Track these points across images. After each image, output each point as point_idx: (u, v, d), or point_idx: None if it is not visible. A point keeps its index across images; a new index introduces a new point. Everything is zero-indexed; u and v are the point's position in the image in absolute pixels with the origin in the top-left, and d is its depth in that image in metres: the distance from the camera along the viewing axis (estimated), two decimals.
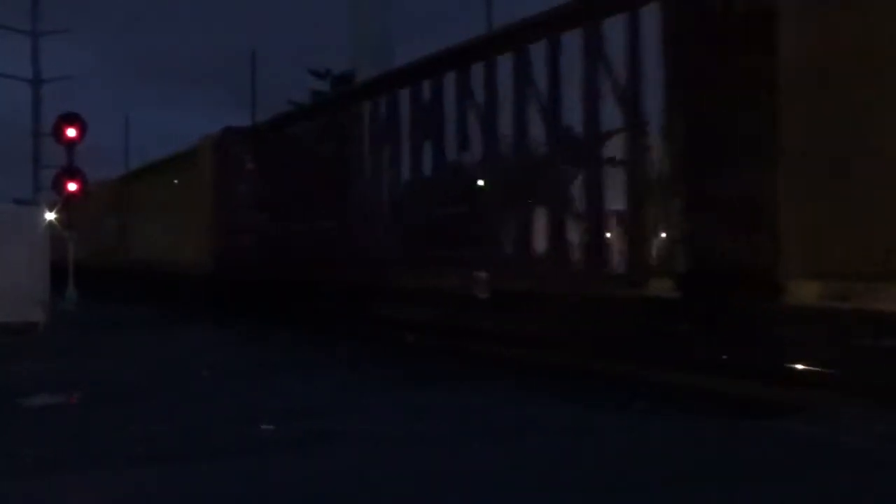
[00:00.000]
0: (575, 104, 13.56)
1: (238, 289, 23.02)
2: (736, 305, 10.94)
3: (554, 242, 14.09)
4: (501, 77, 15.08)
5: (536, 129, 14.37)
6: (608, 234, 13.46)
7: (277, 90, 41.56)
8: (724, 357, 11.32)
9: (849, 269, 9.84)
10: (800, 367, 10.43)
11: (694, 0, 11.61)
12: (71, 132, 25.93)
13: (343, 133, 20.29)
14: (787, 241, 10.22)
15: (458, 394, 10.91)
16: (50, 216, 22.77)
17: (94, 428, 9.13)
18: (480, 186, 15.91)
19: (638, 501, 6.33)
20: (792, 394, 10.02)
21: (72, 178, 25.97)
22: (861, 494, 6.45)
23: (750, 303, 10.77)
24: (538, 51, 14.26)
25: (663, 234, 12.60)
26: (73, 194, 25.86)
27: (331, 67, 34.82)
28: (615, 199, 13.17)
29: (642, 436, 8.44)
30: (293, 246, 21.12)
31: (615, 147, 13.16)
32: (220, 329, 19.74)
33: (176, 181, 28.05)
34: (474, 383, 11.56)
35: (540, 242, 14.49)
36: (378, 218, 18.68)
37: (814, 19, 10.09)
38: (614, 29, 12.96)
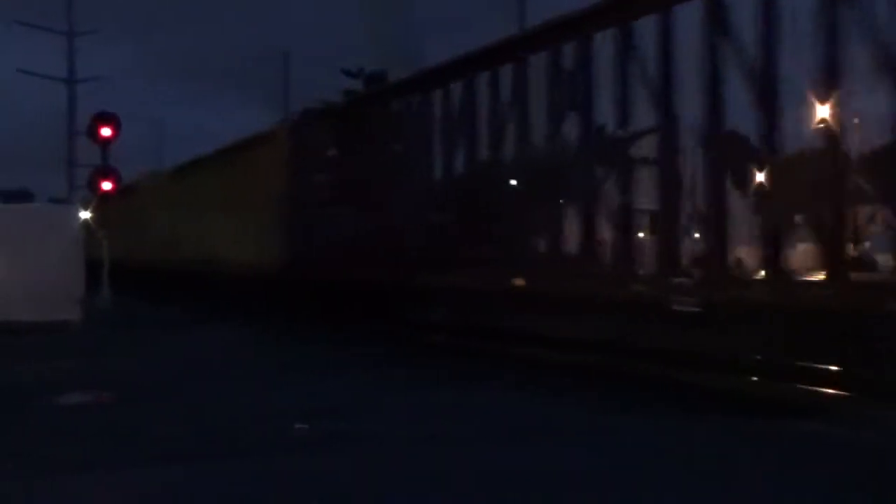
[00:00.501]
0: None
1: (317, 292, 19.67)
2: None
3: (768, 251, 11.61)
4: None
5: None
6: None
7: (310, 90, 41.65)
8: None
9: None
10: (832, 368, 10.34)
11: None
12: (105, 131, 26.09)
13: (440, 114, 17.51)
14: None
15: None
16: (85, 215, 22.92)
17: (122, 426, 9.25)
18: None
19: (653, 501, 6.30)
20: (815, 394, 9.95)
21: (106, 178, 26.14)
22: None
23: None
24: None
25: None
26: (107, 193, 26.03)
27: (363, 67, 34.89)
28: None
29: (664, 436, 8.40)
30: (380, 243, 18.10)
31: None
32: (253, 328, 19.76)
33: (240, 171, 24.60)
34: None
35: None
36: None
37: None
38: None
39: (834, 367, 10.27)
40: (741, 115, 11.93)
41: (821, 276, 10.96)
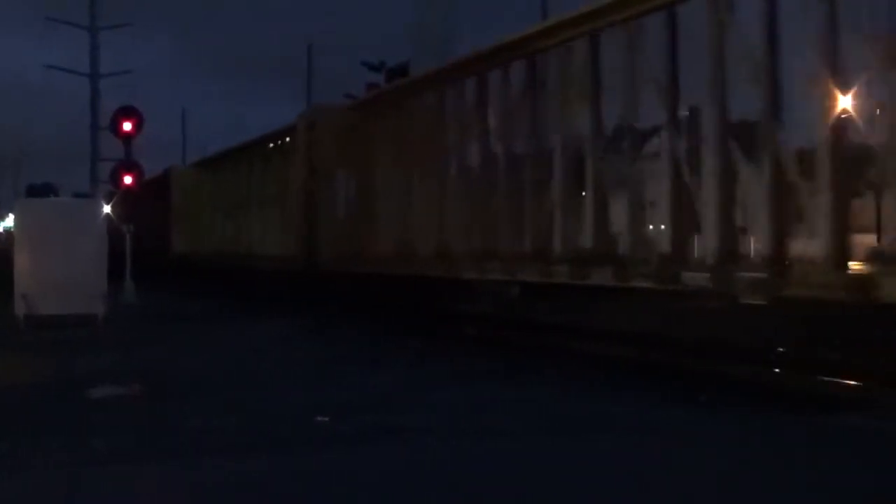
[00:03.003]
0: None
1: None
2: None
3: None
4: None
5: None
6: None
7: (337, 83, 41.71)
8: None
9: None
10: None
11: None
12: (127, 126, 26.15)
13: None
14: None
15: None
16: (107, 209, 22.96)
17: (157, 419, 9.20)
18: None
19: (693, 497, 6.28)
20: (859, 389, 9.91)
21: (128, 172, 26.20)
22: None
23: None
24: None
25: None
26: (129, 188, 26.09)
27: (385, 60, 34.87)
28: None
29: (707, 430, 8.38)
30: None
31: None
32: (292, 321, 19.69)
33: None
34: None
35: None
36: None
37: None
38: None
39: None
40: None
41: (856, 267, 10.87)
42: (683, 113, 12.68)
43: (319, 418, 9.02)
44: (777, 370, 10.94)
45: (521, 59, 15.07)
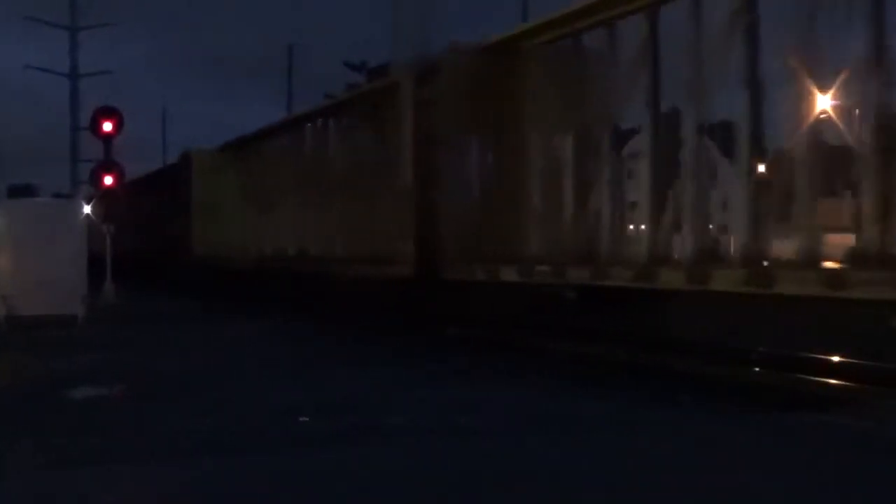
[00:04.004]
0: None
1: None
2: None
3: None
4: None
5: None
6: None
7: (320, 84, 41.68)
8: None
9: None
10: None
11: None
12: (107, 126, 26.03)
13: None
14: None
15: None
16: (87, 209, 22.89)
17: (137, 420, 9.18)
18: None
19: (678, 495, 6.33)
20: (837, 388, 10.00)
21: (108, 172, 26.11)
22: None
23: None
24: None
25: None
26: (109, 188, 25.99)
27: (367, 60, 34.86)
28: None
29: (687, 430, 8.45)
30: None
31: None
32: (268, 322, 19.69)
33: None
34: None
35: None
36: None
37: None
38: None
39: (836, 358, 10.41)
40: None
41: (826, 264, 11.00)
42: None
43: (302, 418, 9.04)
44: (759, 370, 11.03)
45: None
